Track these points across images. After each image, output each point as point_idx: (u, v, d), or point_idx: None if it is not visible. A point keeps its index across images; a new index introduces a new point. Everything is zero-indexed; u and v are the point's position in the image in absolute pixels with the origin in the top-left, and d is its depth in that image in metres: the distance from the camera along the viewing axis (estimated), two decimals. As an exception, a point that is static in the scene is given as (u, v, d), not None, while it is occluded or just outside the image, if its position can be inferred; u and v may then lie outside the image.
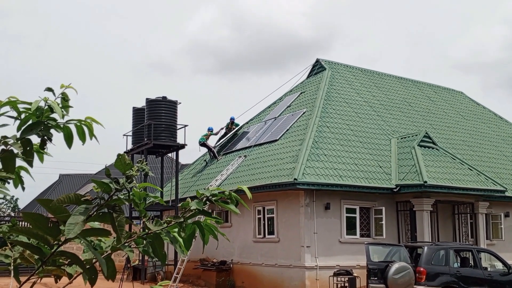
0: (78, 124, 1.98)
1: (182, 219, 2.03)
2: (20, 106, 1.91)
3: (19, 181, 2.01)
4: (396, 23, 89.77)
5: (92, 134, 2.02)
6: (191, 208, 2.03)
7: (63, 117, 1.92)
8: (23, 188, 2.04)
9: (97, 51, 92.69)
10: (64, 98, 1.98)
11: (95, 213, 1.77)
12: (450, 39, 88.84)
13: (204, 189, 2.16)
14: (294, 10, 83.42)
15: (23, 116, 1.90)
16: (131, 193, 2.00)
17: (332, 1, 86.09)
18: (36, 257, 1.81)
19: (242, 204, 2.16)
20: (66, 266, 1.86)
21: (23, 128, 1.88)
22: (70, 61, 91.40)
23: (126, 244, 1.97)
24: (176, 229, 2.04)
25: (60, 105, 1.96)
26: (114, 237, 2.00)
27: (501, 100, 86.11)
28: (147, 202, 2.17)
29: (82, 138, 2.01)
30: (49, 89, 1.97)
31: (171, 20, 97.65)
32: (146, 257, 20.80)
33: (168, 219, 2.04)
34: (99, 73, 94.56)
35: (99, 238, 2.11)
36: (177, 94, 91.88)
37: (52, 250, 1.73)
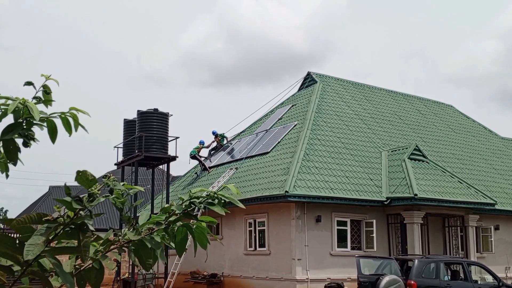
0: (63, 116, 1.90)
1: (163, 226, 1.96)
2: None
3: (4, 168, 1.90)
4: (389, 37, 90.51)
5: (77, 125, 1.93)
6: (176, 212, 1.97)
7: (39, 116, 1.84)
8: (7, 176, 1.94)
9: (92, 63, 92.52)
10: (46, 91, 1.91)
11: (61, 231, 1.71)
12: (442, 53, 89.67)
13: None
14: (288, 24, 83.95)
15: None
16: (113, 196, 1.94)
17: (327, 16, 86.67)
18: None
19: (233, 215, 2.11)
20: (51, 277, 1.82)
21: (3, 128, 1.83)
22: (64, 72, 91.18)
23: (107, 254, 1.92)
24: (162, 236, 1.98)
25: (42, 99, 1.88)
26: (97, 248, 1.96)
27: (492, 114, 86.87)
28: (133, 203, 2.10)
29: (68, 129, 1.92)
30: (29, 83, 1.89)
31: (165, 32, 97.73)
32: (136, 270, 20.64)
33: (150, 225, 1.98)
34: (93, 85, 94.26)
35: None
36: (171, 106, 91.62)
37: (22, 270, 1.67)
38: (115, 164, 23.92)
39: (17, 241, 1.68)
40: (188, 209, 1.99)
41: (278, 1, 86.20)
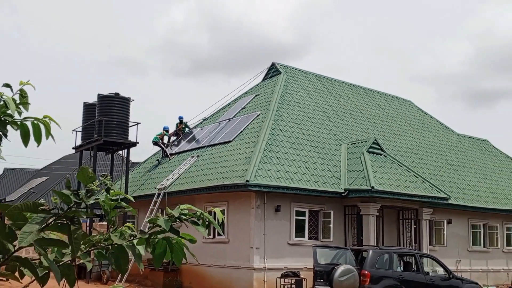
0: (36, 122, 1.93)
1: (147, 235, 2.00)
2: None
3: None
4: (364, 34, 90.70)
5: (49, 134, 1.97)
6: (159, 225, 2.01)
7: (19, 114, 1.88)
8: None
9: (66, 47, 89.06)
10: (22, 95, 1.95)
11: (52, 222, 1.74)
12: (413, 52, 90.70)
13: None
14: (270, 15, 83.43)
15: None
16: (102, 199, 1.98)
17: (310, 9, 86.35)
18: None
19: (193, 203, 2.16)
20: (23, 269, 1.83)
21: None
22: (35, 57, 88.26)
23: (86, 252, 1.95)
24: (143, 244, 2.01)
25: (18, 102, 1.91)
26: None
27: (457, 113, 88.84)
28: (118, 211, 2.14)
29: (38, 139, 1.95)
30: (7, 85, 1.93)
31: (140, 18, 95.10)
32: (91, 256, 20.37)
33: (133, 232, 2.01)
34: (65, 69, 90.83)
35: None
36: (144, 93, 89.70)
37: (7, 256, 1.70)
38: (73, 148, 23.50)
39: (7, 227, 1.69)
40: (173, 223, 2.05)
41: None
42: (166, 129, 24.88)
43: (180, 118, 25.79)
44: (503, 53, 79.63)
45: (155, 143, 24.49)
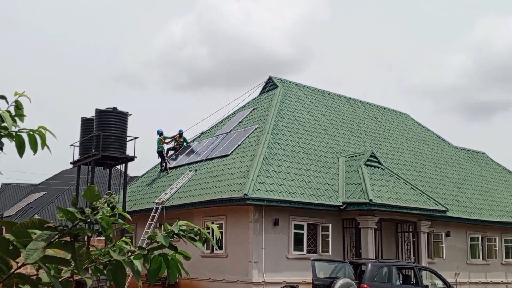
0: (31, 133, 1.96)
1: (146, 251, 2.01)
2: None
3: None
4: (362, 48, 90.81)
5: (44, 144, 1.99)
6: (158, 241, 2.02)
7: (12, 127, 1.89)
8: None
9: (64, 62, 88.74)
10: (18, 106, 1.96)
11: (56, 239, 1.75)
12: (410, 65, 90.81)
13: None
14: (267, 32, 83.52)
15: None
16: (99, 216, 2.00)
17: (309, 23, 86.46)
18: None
19: (191, 217, 2.19)
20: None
21: None
22: (35, 71, 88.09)
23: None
24: (140, 259, 2.02)
25: (14, 113, 1.93)
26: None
27: (454, 125, 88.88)
28: (115, 227, 2.15)
29: (34, 148, 1.98)
30: (2, 97, 1.95)
31: (141, 32, 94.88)
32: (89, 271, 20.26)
33: (132, 248, 2.02)
34: (63, 84, 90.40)
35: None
36: (144, 107, 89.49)
37: (9, 272, 1.71)
38: (71, 163, 23.48)
39: (11, 244, 1.70)
40: (171, 239, 2.06)
41: (260, 5, 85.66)
42: (160, 133, 24.61)
43: (180, 132, 25.74)
44: (500, 65, 80.00)
45: (159, 152, 24.59)
